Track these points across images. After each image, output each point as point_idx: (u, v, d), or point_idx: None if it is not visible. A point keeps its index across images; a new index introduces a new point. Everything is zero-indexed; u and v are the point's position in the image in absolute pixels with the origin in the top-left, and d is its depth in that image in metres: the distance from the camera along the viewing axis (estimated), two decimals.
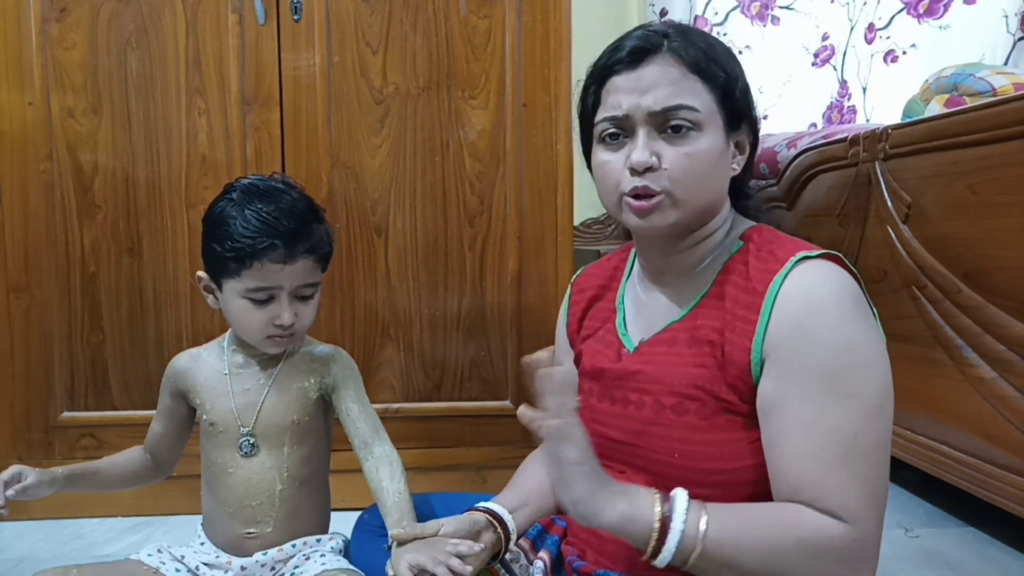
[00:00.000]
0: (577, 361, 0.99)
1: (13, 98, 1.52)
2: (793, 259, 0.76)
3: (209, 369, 1.02)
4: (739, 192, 0.89)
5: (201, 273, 0.98)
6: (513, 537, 0.91)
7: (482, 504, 0.92)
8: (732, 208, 0.88)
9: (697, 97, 0.79)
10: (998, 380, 1.27)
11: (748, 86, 0.85)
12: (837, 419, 0.71)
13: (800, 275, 0.75)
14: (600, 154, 0.85)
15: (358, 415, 1.02)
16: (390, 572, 0.82)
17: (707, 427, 0.78)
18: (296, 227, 0.92)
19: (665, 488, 0.79)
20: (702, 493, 0.77)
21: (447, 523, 0.87)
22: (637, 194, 0.80)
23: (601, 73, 0.84)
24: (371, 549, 1.01)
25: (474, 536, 0.87)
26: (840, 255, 0.77)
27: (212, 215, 0.94)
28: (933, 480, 1.47)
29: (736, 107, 0.82)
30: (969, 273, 1.32)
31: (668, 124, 0.79)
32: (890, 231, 1.51)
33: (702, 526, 0.69)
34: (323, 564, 0.94)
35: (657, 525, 0.70)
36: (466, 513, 0.89)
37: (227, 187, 0.97)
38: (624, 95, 0.81)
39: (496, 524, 0.89)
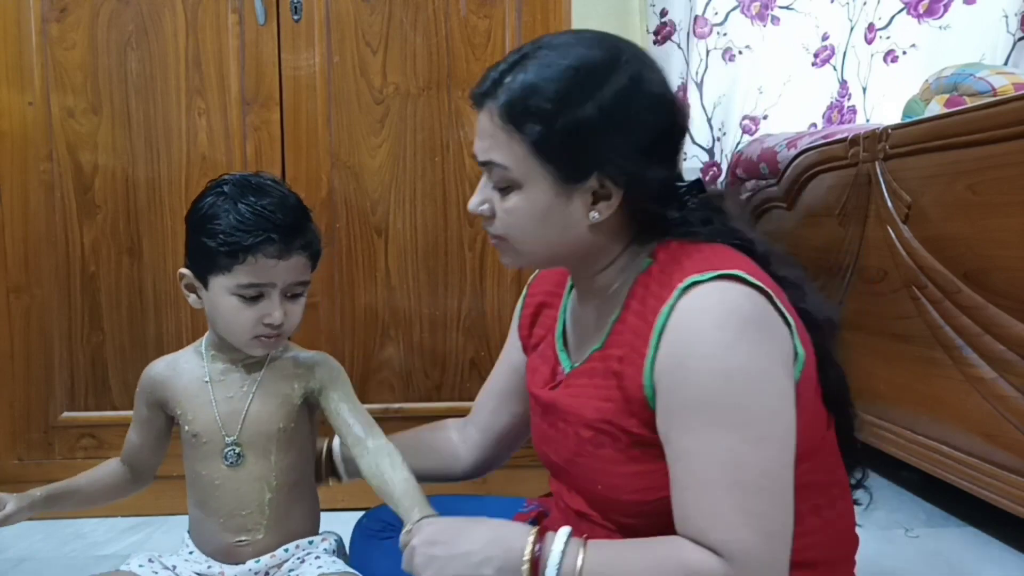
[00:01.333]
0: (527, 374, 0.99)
1: (13, 98, 1.52)
2: (680, 286, 0.71)
3: (188, 377, 0.97)
4: (657, 214, 0.79)
5: (184, 270, 0.94)
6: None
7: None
8: (633, 240, 0.81)
9: (508, 153, 0.74)
10: (998, 380, 1.27)
11: (606, 129, 0.73)
12: (716, 448, 0.68)
13: (686, 303, 0.70)
14: None
15: (348, 413, 0.97)
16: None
17: (623, 459, 0.76)
18: (292, 221, 0.89)
19: (601, 515, 0.81)
20: (633, 523, 0.78)
21: None
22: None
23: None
24: (371, 554, 1.00)
25: None
26: (739, 273, 0.71)
27: (200, 209, 0.91)
28: (933, 480, 1.47)
29: (568, 159, 0.73)
30: (969, 273, 1.32)
31: (492, 177, 0.78)
32: (890, 231, 1.51)
33: (579, 563, 0.69)
34: (319, 568, 0.92)
35: (527, 562, 0.70)
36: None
37: (212, 184, 0.93)
38: (476, 137, 0.80)
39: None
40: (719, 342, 0.69)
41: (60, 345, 1.57)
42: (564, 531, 0.72)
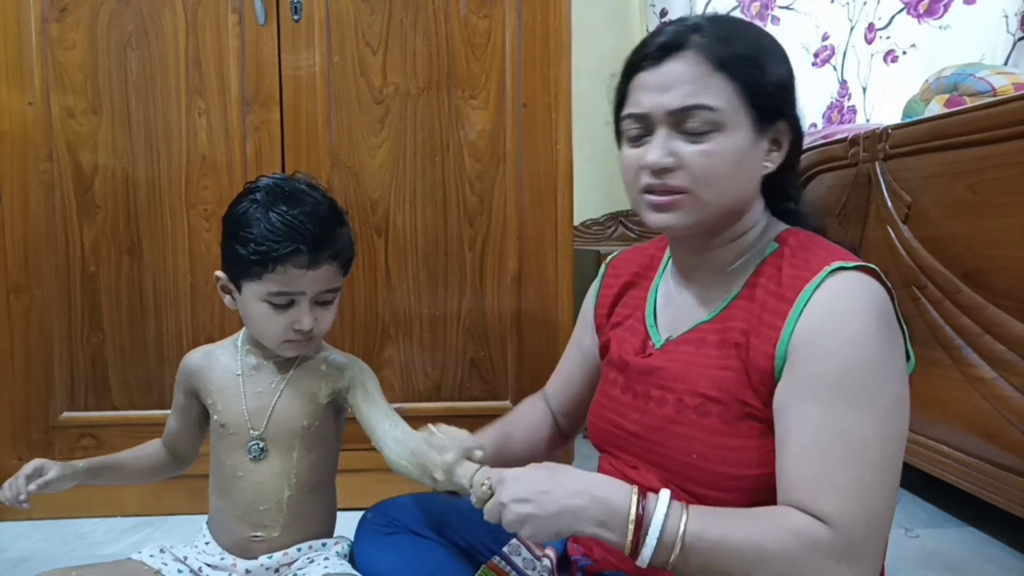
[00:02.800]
0: (604, 350, 0.99)
1: (13, 98, 1.52)
2: (827, 269, 0.75)
3: (222, 369, 1.00)
4: (781, 192, 0.87)
5: (219, 273, 0.95)
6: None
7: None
8: (767, 209, 0.86)
9: (718, 95, 0.77)
10: (998, 380, 1.27)
11: (788, 80, 0.82)
12: (843, 423, 0.70)
13: (831, 286, 0.74)
14: (624, 151, 0.84)
15: (374, 410, 0.98)
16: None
17: (728, 431, 0.78)
18: (321, 232, 0.90)
19: (679, 488, 0.80)
20: (715, 496, 0.78)
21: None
22: (653, 190, 0.79)
23: (628, 69, 0.83)
24: (374, 549, 1.00)
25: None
26: (876, 268, 0.76)
27: (234, 215, 0.92)
28: (933, 480, 1.47)
29: (768, 103, 0.79)
30: (969, 273, 1.32)
31: (686, 125, 0.78)
32: (890, 231, 1.51)
33: (682, 526, 0.69)
34: (325, 568, 0.93)
35: (632, 521, 0.70)
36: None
37: (249, 186, 0.94)
38: (646, 93, 0.80)
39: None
40: (863, 325, 0.72)
41: (60, 345, 1.57)
42: (665, 493, 0.73)
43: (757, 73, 0.78)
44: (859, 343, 0.71)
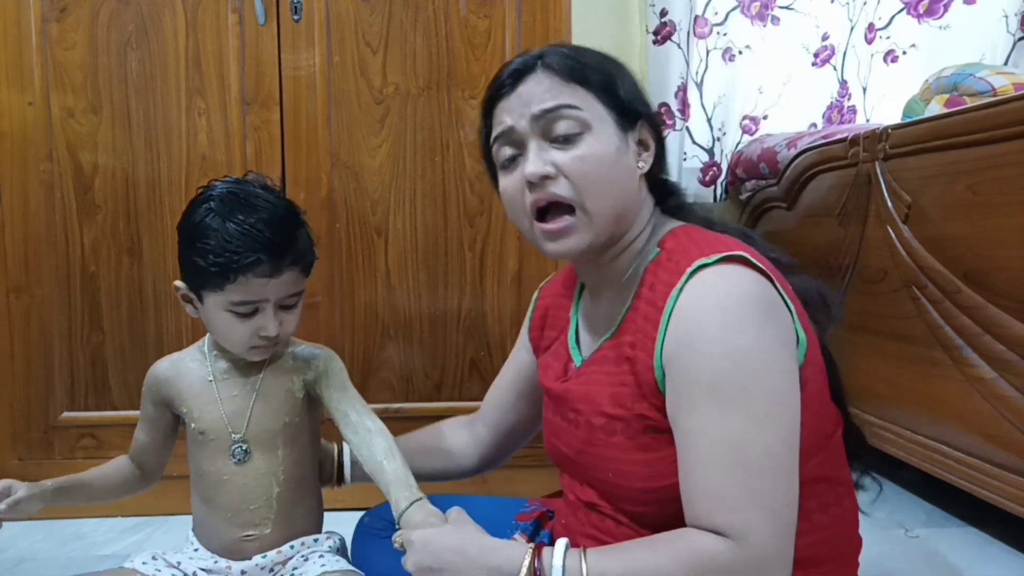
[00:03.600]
0: (539, 370, 1.00)
1: (13, 98, 1.52)
2: (689, 270, 0.73)
3: (193, 376, 0.98)
4: (662, 190, 0.87)
5: (178, 283, 0.93)
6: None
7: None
8: (656, 208, 0.87)
9: (577, 97, 0.79)
10: (998, 380, 1.27)
11: (635, 83, 0.84)
12: (720, 428, 0.69)
13: (694, 286, 0.72)
14: (501, 182, 0.84)
15: (341, 400, 0.98)
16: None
17: (634, 447, 0.77)
18: (281, 239, 0.88)
19: (613, 506, 0.81)
20: (644, 511, 0.78)
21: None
22: (541, 208, 0.79)
23: (487, 105, 0.85)
24: (373, 552, 1.01)
25: None
26: (745, 256, 0.73)
27: (189, 224, 0.90)
28: (933, 480, 1.47)
29: (624, 104, 0.81)
30: (969, 273, 1.32)
31: (555, 132, 0.78)
32: (890, 231, 1.51)
33: (583, 572, 0.69)
34: (323, 565, 0.93)
35: None
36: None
37: (202, 192, 0.92)
38: (508, 113, 0.81)
39: None
40: (725, 323, 0.70)
41: (60, 345, 1.57)
42: (561, 543, 0.72)
43: (607, 80, 0.80)
44: (725, 342, 0.69)
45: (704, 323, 0.70)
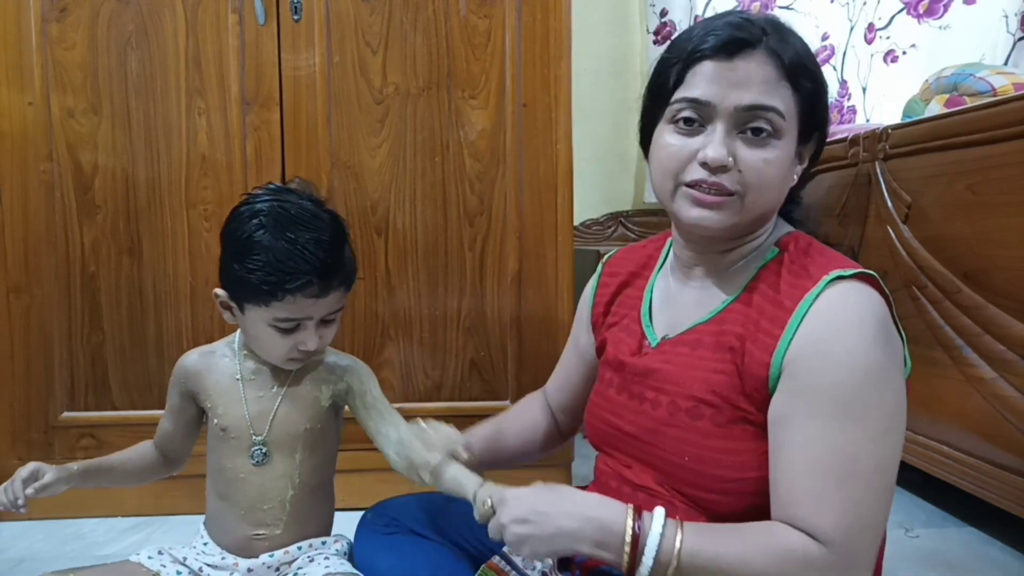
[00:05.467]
0: (600, 350, 0.99)
1: (13, 98, 1.52)
2: (826, 278, 0.74)
3: (221, 372, 0.99)
4: (788, 198, 0.86)
5: (219, 291, 0.93)
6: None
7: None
8: (778, 215, 0.87)
9: (785, 102, 0.77)
10: (998, 380, 1.27)
11: (827, 100, 0.83)
12: (839, 439, 0.70)
13: (830, 297, 0.73)
14: (667, 135, 0.81)
15: (374, 410, 0.99)
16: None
17: (721, 434, 0.77)
18: (331, 260, 0.88)
19: (673, 489, 0.81)
20: (709, 498, 0.78)
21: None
22: (701, 185, 0.77)
23: (691, 55, 0.79)
24: (376, 549, 1.00)
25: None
26: (875, 275, 0.75)
27: (238, 237, 0.89)
28: (933, 480, 1.47)
29: (814, 118, 0.80)
30: (969, 273, 1.32)
31: (749, 125, 0.76)
32: (890, 231, 1.51)
33: (677, 544, 0.70)
34: (327, 567, 0.94)
35: (628, 542, 0.71)
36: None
37: (249, 201, 0.90)
38: (714, 83, 0.77)
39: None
40: (862, 337, 0.71)
41: (60, 345, 1.57)
42: (660, 511, 0.73)
43: (813, 87, 0.79)
44: (857, 357, 0.71)
45: (841, 333, 0.71)
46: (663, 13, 2.32)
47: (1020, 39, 2.32)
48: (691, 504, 0.80)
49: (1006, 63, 2.31)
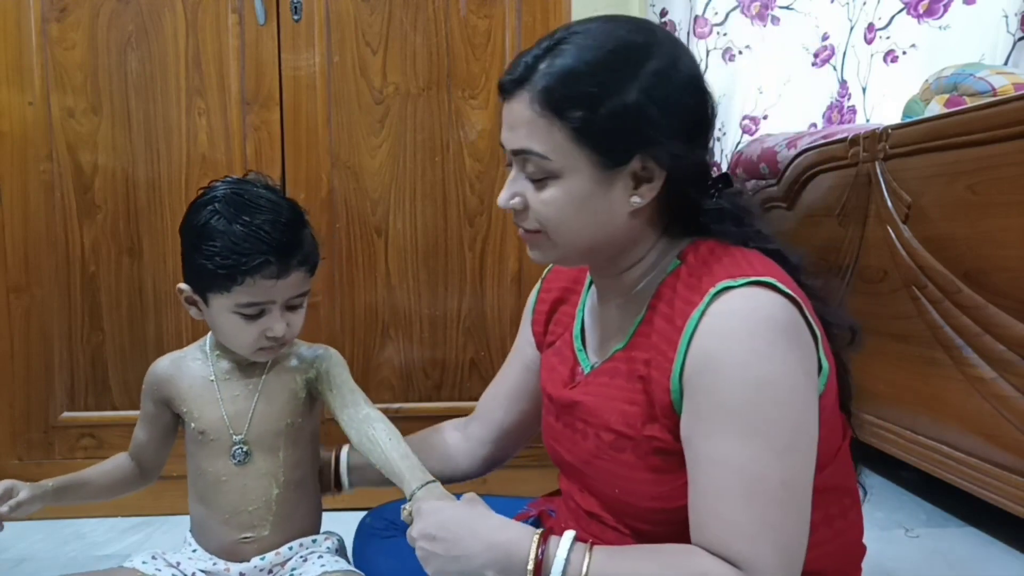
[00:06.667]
0: (541, 367, 0.98)
1: (13, 98, 1.52)
2: (712, 291, 0.70)
3: (193, 375, 0.98)
4: (691, 208, 0.78)
5: (182, 285, 0.93)
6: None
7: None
8: (664, 233, 0.80)
9: (546, 141, 0.72)
10: (998, 380, 1.27)
11: (639, 111, 0.71)
12: (741, 457, 0.67)
13: (718, 308, 0.69)
14: None
15: (341, 393, 0.98)
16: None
17: (644, 466, 0.75)
18: (288, 239, 0.88)
19: (616, 518, 0.80)
20: (645, 528, 0.77)
21: None
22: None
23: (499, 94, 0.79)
24: (375, 552, 1.00)
25: None
26: (771, 281, 0.70)
27: (193, 227, 0.89)
28: (933, 480, 1.47)
29: (610, 144, 0.72)
30: (969, 273, 1.32)
31: (526, 168, 0.75)
32: (890, 231, 1.51)
33: (583, 568, 0.68)
34: (323, 566, 0.93)
35: (531, 567, 0.69)
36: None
37: (205, 193, 0.91)
38: (503, 127, 0.77)
39: None
40: (751, 350, 0.67)
41: (60, 345, 1.57)
42: (568, 535, 0.71)
43: (593, 115, 0.71)
44: (751, 370, 0.67)
45: (729, 347, 0.68)
46: (663, 13, 2.32)
47: (1020, 39, 2.32)
48: (636, 534, 0.79)
49: (1006, 63, 2.31)
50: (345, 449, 1.07)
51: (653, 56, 0.72)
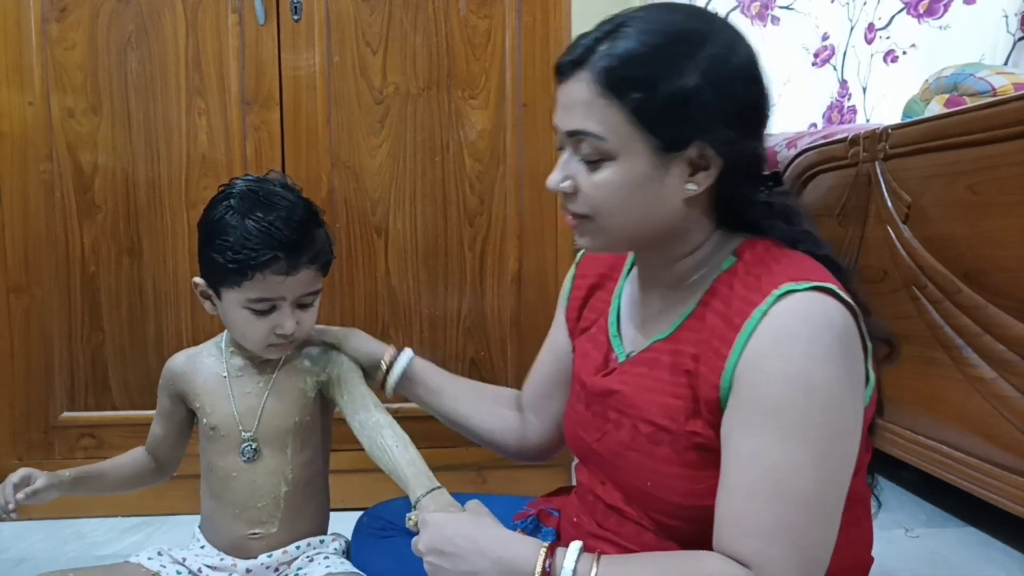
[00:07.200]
0: (573, 352, 0.97)
1: (13, 98, 1.52)
2: (775, 292, 0.68)
3: (207, 371, 0.99)
4: (743, 201, 0.78)
5: (198, 280, 0.95)
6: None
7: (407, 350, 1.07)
8: (719, 226, 0.79)
9: (604, 123, 0.72)
10: (998, 380, 1.27)
11: (699, 95, 0.71)
12: (776, 457, 0.66)
13: (779, 312, 0.68)
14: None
15: (353, 395, 0.99)
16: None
17: (680, 461, 0.74)
18: (298, 237, 0.89)
19: (642, 511, 0.79)
20: (672, 524, 0.76)
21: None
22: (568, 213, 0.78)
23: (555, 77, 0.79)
24: (372, 552, 1.00)
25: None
26: (833, 288, 0.69)
27: (209, 222, 0.91)
28: (933, 480, 1.47)
29: (668, 128, 0.72)
30: (969, 273, 1.32)
31: (581, 149, 0.74)
32: (890, 231, 1.51)
33: None
34: (327, 567, 0.94)
35: None
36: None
37: (223, 190, 0.93)
38: (557, 108, 0.77)
39: None
40: (808, 354, 0.67)
41: (60, 345, 1.57)
42: (575, 546, 0.71)
43: (653, 97, 0.71)
44: (804, 371, 0.66)
45: (786, 350, 0.67)
46: None
47: (1020, 39, 2.32)
48: (657, 527, 0.78)
49: (1006, 63, 2.31)
50: (408, 353, 1.09)
51: (711, 42, 0.72)
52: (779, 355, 0.67)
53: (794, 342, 0.67)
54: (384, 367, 1.07)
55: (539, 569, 0.69)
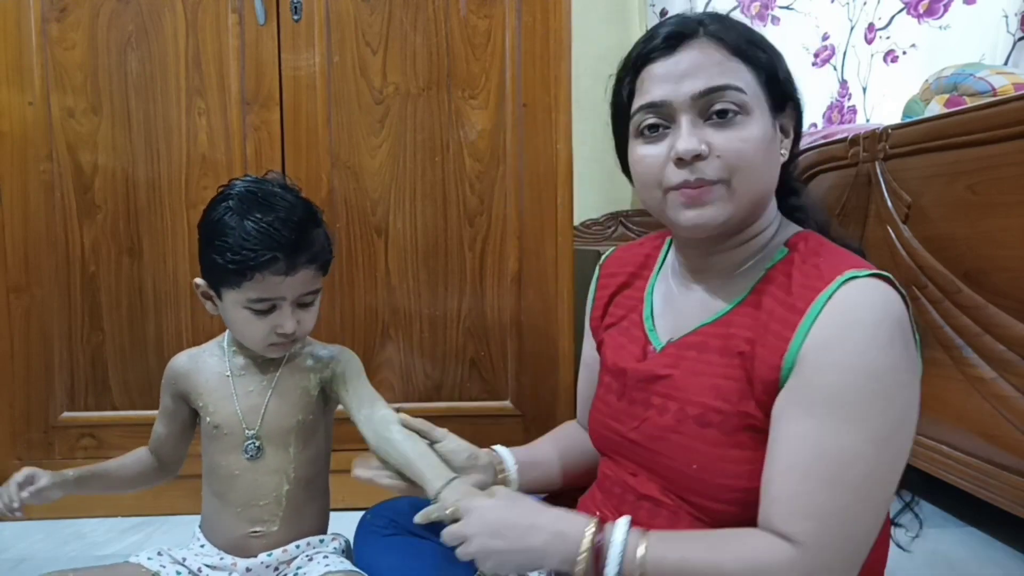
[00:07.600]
0: (599, 349, 0.97)
1: (13, 98, 1.52)
2: (840, 278, 0.70)
3: (210, 371, 1.00)
4: (786, 186, 0.84)
5: (199, 280, 0.96)
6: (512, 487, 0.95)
7: (496, 447, 0.99)
8: (778, 210, 0.83)
9: (741, 78, 0.75)
10: (998, 380, 1.27)
11: (788, 69, 0.81)
12: (832, 441, 0.67)
13: (845, 296, 0.70)
14: (638, 148, 0.80)
15: (357, 393, 1.00)
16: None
17: (729, 443, 0.75)
18: (297, 237, 0.90)
19: (679, 497, 0.79)
20: (716, 507, 0.76)
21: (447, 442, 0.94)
22: (685, 186, 0.75)
23: (636, 62, 0.80)
24: (374, 551, 1.01)
25: (467, 468, 0.93)
26: (890, 276, 0.71)
27: (209, 223, 0.92)
28: (933, 480, 1.47)
29: (780, 89, 0.78)
30: (969, 273, 1.32)
31: (713, 109, 0.74)
32: (890, 231, 1.51)
33: (641, 551, 0.70)
34: (327, 566, 0.94)
35: (589, 553, 0.71)
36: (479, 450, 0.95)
37: (222, 191, 0.94)
38: (663, 82, 0.76)
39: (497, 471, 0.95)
40: (872, 339, 0.68)
41: (60, 345, 1.57)
42: (624, 520, 0.73)
43: (767, 58, 0.77)
44: (868, 356, 0.67)
45: (851, 334, 0.68)
46: (663, 13, 2.32)
47: (1020, 39, 2.32)
48: (698, 513, 0.78)
49: (1006, 63, 2.31)
50: (501, 448, 1.03)
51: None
52: (845, 338, 0.68)
53: (859, 328, 0.68)
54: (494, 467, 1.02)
55: (588, 543, 0.71)
